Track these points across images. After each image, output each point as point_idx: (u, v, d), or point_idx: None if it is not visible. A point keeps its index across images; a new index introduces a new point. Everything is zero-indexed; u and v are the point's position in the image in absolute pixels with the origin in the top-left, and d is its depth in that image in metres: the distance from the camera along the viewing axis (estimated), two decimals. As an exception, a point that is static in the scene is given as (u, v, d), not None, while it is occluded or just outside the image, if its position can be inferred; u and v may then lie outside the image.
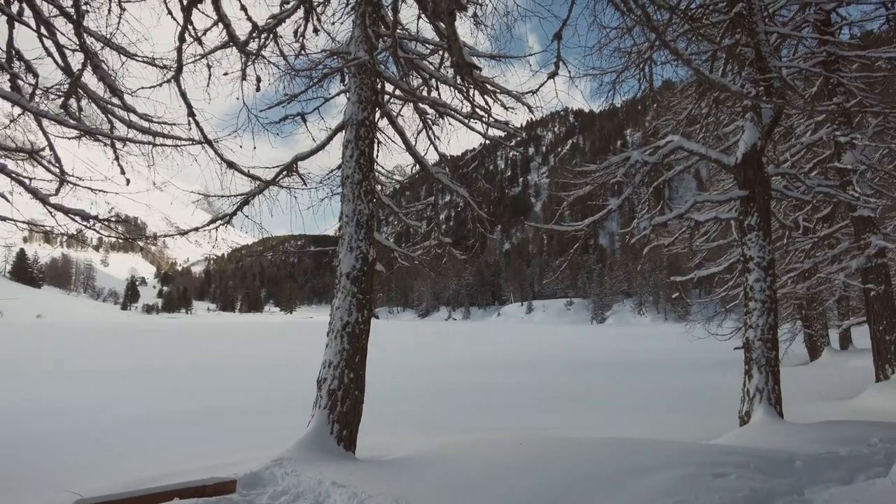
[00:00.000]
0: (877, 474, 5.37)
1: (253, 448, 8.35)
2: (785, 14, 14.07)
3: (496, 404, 14.84)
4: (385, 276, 9.28)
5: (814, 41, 13.83)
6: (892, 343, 13.34)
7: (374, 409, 9.48)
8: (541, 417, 12.88)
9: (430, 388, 17.96)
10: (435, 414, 13.48)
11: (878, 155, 15.89)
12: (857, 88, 13.93)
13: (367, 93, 7.91)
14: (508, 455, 6.16)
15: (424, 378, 21.09)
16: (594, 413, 13.34)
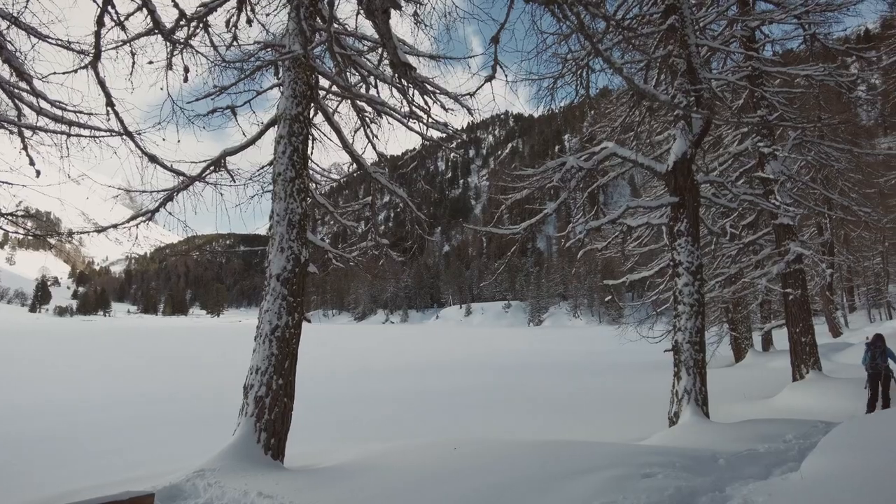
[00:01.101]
0: (790, 469, 5.72)
1: (174, 459, 8.01)
2: (715, 28, 14.87)
3: (432, 409, 14.87)
4: (319, 277, 9.11)
5: (741, 56, 14.67)
6: (808, 344, 14.30)
7: (305, 417, 9.29)
8: (477, 421, 13.00)
9: (364, 394, 17.80)
10: (369, 420, 13.36)
11: (796, 166, 17.02)
12: (779, 103, 14.89)
13: (302, 87, 7.75)
14: (442, 461, 6.17)
15: (358, 383, 20.87)
16: (530, 415, 13.58)
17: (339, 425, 12.63)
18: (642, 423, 10.89)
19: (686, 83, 9.89)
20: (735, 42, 14.73)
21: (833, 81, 14.26)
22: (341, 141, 9.06)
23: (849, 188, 22.64)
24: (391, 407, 15.32)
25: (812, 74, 13.75)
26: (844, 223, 24.40)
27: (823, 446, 5.12)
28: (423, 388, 19.04)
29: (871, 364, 11.09)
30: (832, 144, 18.99)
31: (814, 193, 19.32)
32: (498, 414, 13.99)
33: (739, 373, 21.54)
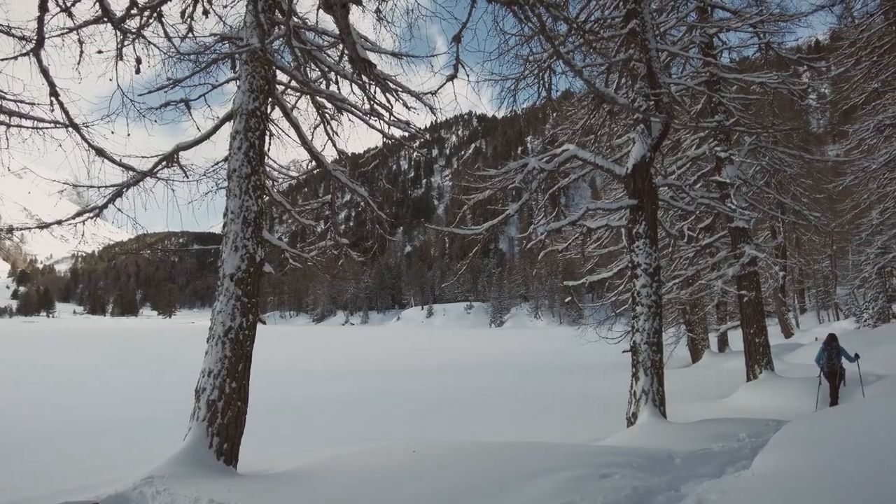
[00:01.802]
0: (743, 467, 5.91)
1: (122, 466, 7.75)
2: (675, 34, 15.28)
3: (390, 412, 14.81)
4: (275, 277, 8.96)
5: (699, 61, 15.10)
6: (761, 345, 14.81)
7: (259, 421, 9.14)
8: (437, 424, 13.01)
9: (323, 397, 17.60)
10: (325, 424, 13.23)
11: (751, 171, 17.60)
12: (736, 108, 15.39)
13: (260, 82, 7.62)
14: (400, 464, 6.15)
15: (316, 386, 20.63)
16: (491, 417, 13.67)
17: (295, 429, 12.46)
18: (601, 424, 11.09)
19: (646, 87, 10.11)
20: (694, 48, 15.16)
21: (786, 89, 14.85)
22: (300, 137, 8.93)
23: (800, 193, 23.57)
24: (349, 410, 15.20)
25: (767, 82, 14.29)
26: (796, 227, 25.39)
27: (773, 444, 5.30)
28: (382, 391, 18.95)
29: (828, 363, 11.67)
30: (785, 150, 19.74)
31: (768, 198, 20.06)
32: (457, 416, 14.03)
33: (696, 373, 22.12)
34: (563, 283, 13.81)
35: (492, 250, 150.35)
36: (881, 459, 3.96)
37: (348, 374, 25.46)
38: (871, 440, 4.28)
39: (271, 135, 9.32)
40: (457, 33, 6.38)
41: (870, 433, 4.42)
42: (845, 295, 39.59)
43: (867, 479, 3.84)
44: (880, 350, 15.27)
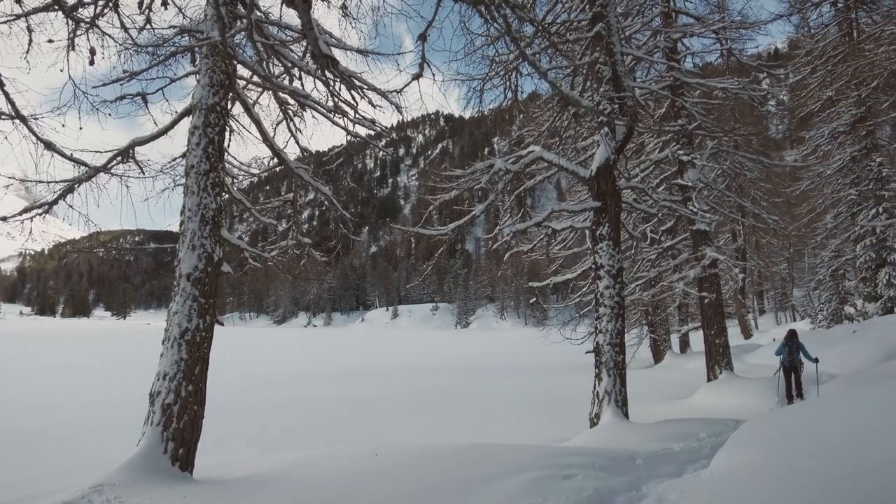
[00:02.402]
0: (703, 466, 6.06)
1: (68, 473, 7.49)
2: (640, 38, 15.59)
3: (356, 415, 14.70)
4: (234, 277, 8.80)
5: (663, 66, 15.45)
6: (721, 346, 15.21)
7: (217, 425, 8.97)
8: (400, 426, 12.97)
9: (282, 401, 17.36)
10: (285, 428, 13.05)
11: (713, 175, 18.07)
12: (698, 113, 15.79)
13: (220, 76, 7.47)
14: (362, 468, 6.11)
15: (276, 390, 20.34)
16: (455, 419, 13.69)
17: (254, 433, 12.26)
18: (565, 425, 11.22)
19: (611, 90, 10.28)
20: (658, 52, 15.50)
21: (747, 95, 15.31)
22: (262, 134, 8.79)
23: (760, 197, 24.31)
24: (309, 414, 15.02)
25: (728, 87, 14.71)
26: (756, 230, 26.14)
27: (731, 443, 5.44)
28: (344, 394, 18.79)
29: (788, 358, 12.29)
30: (745, 155, 20.34)
31: (728, 201, 20.61)
32: (421, 418, 14.01)
33: (658, 374, 22.58)
34: (528, 285, 13.97)
35: (458, 251, 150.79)
36: (834, 456, 4.11)
37: (309, 378, 25.16)
38: (825, 438, 4.44)
39: (231, 131, 9.16)
40: (423, 32, 6.38)
41: (823, 431, 4.58)
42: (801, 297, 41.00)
43: (821, 475, 3.98)
44: (833, 350, 15.86)
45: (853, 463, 3.88)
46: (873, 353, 17.05)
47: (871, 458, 3.82)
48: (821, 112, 23.79)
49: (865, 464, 3.81)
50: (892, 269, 21.29)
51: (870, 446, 3.96)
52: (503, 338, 71.52)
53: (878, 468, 3.70)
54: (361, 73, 8.57)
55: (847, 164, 22.91)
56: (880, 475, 3.62)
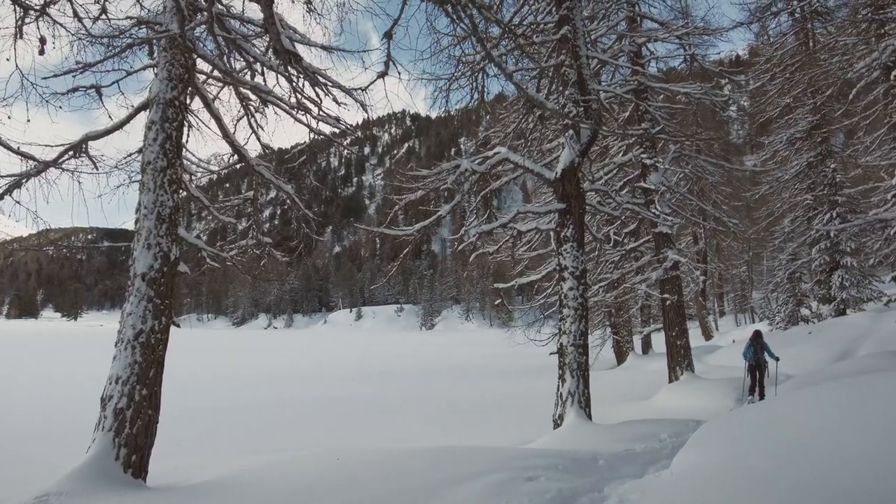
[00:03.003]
0: (664, 466, 6.19)
1: (11, 483, 7.22)
2: (605, 42, 15.86)
3: (313, 419, 14.56)
4: (191, 278, 8.62)
5: (628, 70, 15.75)
6: (683, 347, 15.57)
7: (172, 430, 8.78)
8: (362, 430, 12.90)
9: (243, 404, 17.09)
10: (243, 432, 12.85)
11: (675, 178, 18.49)
12: (661, 117, 16.14)
13: (179, 70, 7.32)
14: (324, 473, 6.05)
15: (236, 393, 20.00)
16: (419, 422, 13.68)
17: (213, 438, 12.03)
18: (529, 426, 11.32)
19: (576, 93, 10.43)
20: (623, 56, 15.79)
21: (708, 100, 15.73)
22: (221, 130, 8.64)
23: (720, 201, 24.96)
24: (270, 417, 14.82)
25: (691, 92, 15.09)
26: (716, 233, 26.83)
27: (691, 443, 5.57)
28: (306, 397, 18.60)
29: (754, 357, 12.98)
30: (707, 159, 20.87)
31: (690, 204, 21.11)
32: (384, 422, 13.96)
33: (621, 375, 22.99)
34: (493, 286, 14.09)
35: (424, 252, 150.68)
36: (789, 454, 4.25)
37: (270, 380, 24.79)
38: (782, 437, 4.58)
39: (190, 126, 8.98)
40: (388, 29, 6.37)
41: (780, 431, 4.73)
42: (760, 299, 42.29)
43: (775, 473, 4.11)
44: (790, 351, 16.40)
45: (809, 462, 4.03)
46: (828, 354, 17.72)
47: (827, 457, 3.96)
48: (779, 118, 24.63)
49: (821, 463, 3.95)
50: (844, 272, 22.15)
51: (825, 445, 4.11)
52: (468, 339, 71.78)
53: (833, 467, 3.84)
54: (326, 70, 8.50)
55: (804, 170, 23.76)
56: (837, 474, 3.76)
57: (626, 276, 18.23)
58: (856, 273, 22.28)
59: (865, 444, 3.87)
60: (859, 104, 19.93)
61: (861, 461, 3.72)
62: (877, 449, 3.77)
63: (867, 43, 17.11)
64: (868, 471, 3.61)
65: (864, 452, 3.79)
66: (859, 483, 3.56)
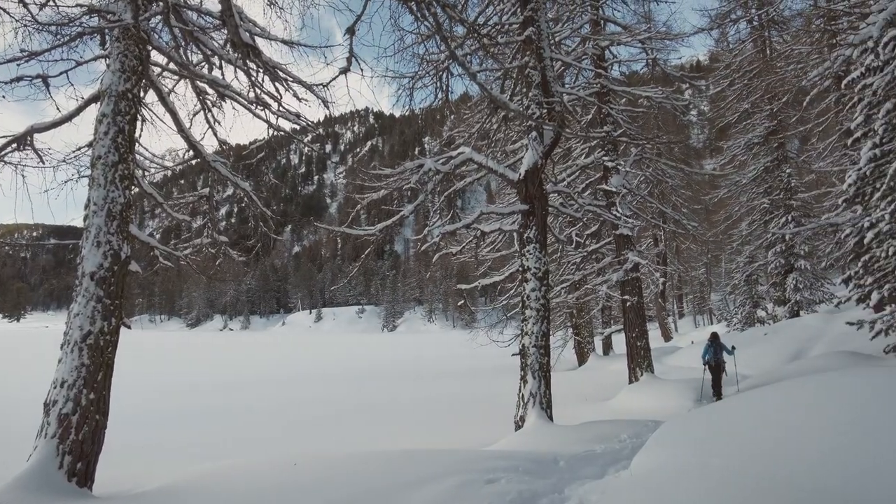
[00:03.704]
0: (623, 467, 6.31)
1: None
2: (569, 44, 16.10)
3: (274, 423, 14.34)
4: (144, 277, 8.40)
5: (591, 73, 16.02)
6: (642, 348, 15.90)
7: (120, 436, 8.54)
8: (320, 434, 12.76)
9: (194, 409, 16.72)
10: (199, 437, 12.57)
11: (636, 181, 18.87)
12: (623, 120, 16.46)
13: (133, 62, 7.13)
14: (281, 478, 5.97)
15: (186, 397, 19.55)
16: (380, 426, 13.61)
17: (161, 445, 11.73)
18: (491, 428, 11.37)
19: (540, 95, 10.55)
20: (587, 59, 16.05)
21: (670, 104, 16.11)
22: (177, 125, 8.45)
23: (680, 204, 25.64)
24: (224, 423, 14.53)
25: (652, 96, 15.43)
26: (676, 235, 27.58)
27: (650, 444, 5.70)
28: (262, 401, 18.31)
29: (714, 358, 13.65)
30: (667, 162, 21.42)
31: (651, 207, 21.63)
32: (343, 426, 13.85)
33: (582, 376, 23.29)
34: (457, 287, 14.14)
35: (386, 252, 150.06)
36: (743, 452, 4.39)
37: (223, 384, 24.31)
38: (738, 437, 4.72)
39: (144, 120, 8.77)
40: (351, 25, 6.34)
41: (736, 430, 4.87)
42: (718, 300, 43.51)
43: (730, 471, 4.24)
44: (747, 352, 16.90)
45: (764, 460, 4.16)
46: (782, 354, 18.36)
47: (783, 457, 4.10)
48: (738, 123, 25.44)
49: (776, 461, 4.09)
50: (798, 274, 22.98)
51: (781, 445, 4.25)
52: (431, 341, 71.77)
53: (789, 466, 3.98)
54: (287, 65, 8.40)
55: (761, 174, 24.58)
56: (791, 472, 3.89)
57: (587, 277, 18.52)
58: (809, 275, 23.14)
59: (821, 442, 4.02)
60: (813, 111, 20.79)
61: (817, 459, 3.87)
62: (832, 447, 3.92)
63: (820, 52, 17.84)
64: (825, 469, 3.75)
65: (820, 451, 3.94)
66: (817, 481, 3.70)
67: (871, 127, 10.95)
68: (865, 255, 11.36)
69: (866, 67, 10.92)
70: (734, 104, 25.09)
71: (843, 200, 12.09)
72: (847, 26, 15.30)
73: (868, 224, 10.87)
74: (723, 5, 22.37)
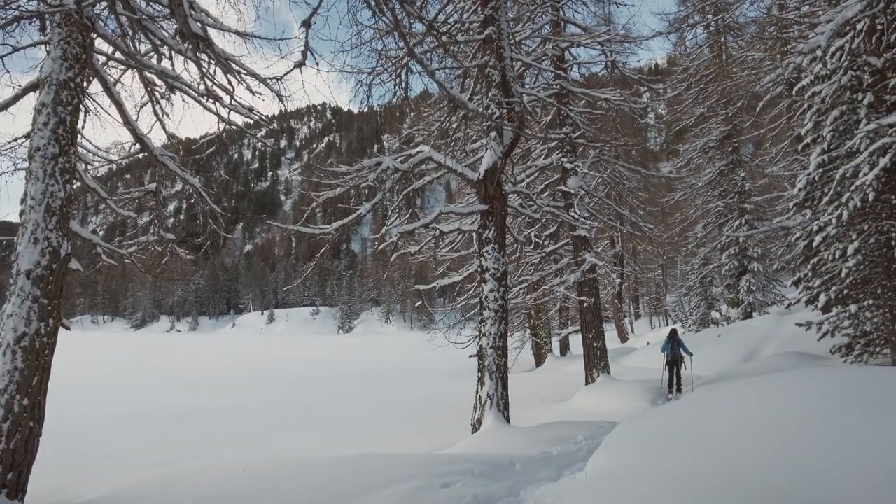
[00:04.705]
0: (579, 469, 6.43)
1: None
2: (530, 44, 16.30)
3: (221, 428, 14.06)
4: (86, 276, 8.13)
5: (551, 74, 16.24)
6: (599, 349, 16.20)
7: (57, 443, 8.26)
8: (272, 439, 12.57)
9: (140, 412, 16.27)
10: (145, 442, 12.24)
11: (594, 182, 19.22)
12: (582, 122, 16.75)
13: (76, 49, 6.88)
14: (229, 484, 5.87)
15: (128, 402, 19.01)
16: (335, 430, 13.50)
17: (109, 449, 11.38)
18: (447, 431, 11.42)
19: (500, 95, 10.65)
20: (547, 60, 16.28)
21: (628, 107, 16.48)
22: (123, 116, 8.21)
23: (637, 206, 26.23)
24: (170, 426, 14.17)
25: (611, 98, 15.75)
26: (633, 237, 28.17)
27: (605, 445, 5.82)
28: (210, 404, 17.93)
29: (671, 353, 14.64)
30: (625, 165, 21.89)
31: (608, 209, 22.06)
32: (296, 430, 13.68)
33: (539, 377, 23.56)
34: (415, 287, 14.15)
35: (343, 251, 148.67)
36: (695, 453, 4.52)
37: (170, 387, 23.70)
38: (692, 437, 4.87)
39: (87, 111, 8.49)
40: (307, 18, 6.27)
41: (690, 431, 5.02)
42: (674, 302, 44.69)
43: (682, 472, 4.37)
44: (702, 353, 17.41)
45: (716, 461, 4.30)
46: (735, 355, 19.01)
47: (732, 456, 4.25)
48: (694, 127, 26.21)
49: (726, 461, 4.23)
50: (751, 276, 23.81)
51: (730, 444, 4.40)
52: (387, 342, 71.49)
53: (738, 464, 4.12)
54: (240, 58, 8.26)
55: (716, 178, 25.38)
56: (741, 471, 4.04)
57: (545, 278, 18.77)
58: (761, 278, 24.01)
59: (770, 442, 4.18)
60: (766, 116, 21.60)
61: (766, 459, 4.02)
62: (780, 447, 4.08)
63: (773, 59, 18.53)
64: (773, 468, 3.91)
65: (769, 451, 4.09)
66: (766, 480, 3.84)
67: (819, 133, 11.44)
68: (814, 258, 11.87)
69: (815, 76, 11.41)
70: (691, 108, 25.84)
71: (793, 204, 12.60)
72: (798, 35, 15.94)
73: (817, 228, 11.34)
74: (681, 10, 23.05)
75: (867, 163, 9.54)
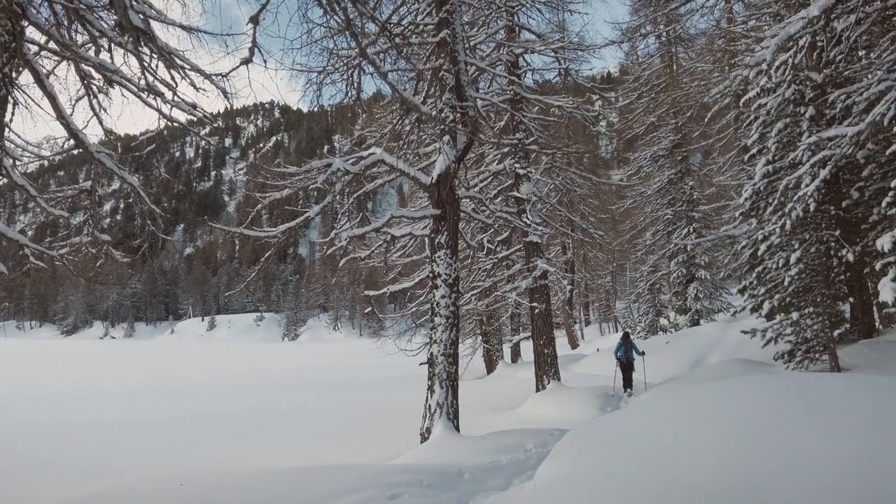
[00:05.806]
0: (528, 477, 6.51)
1: None
2: (484, 49, 16.49)
3: (158, 439, 13.64)
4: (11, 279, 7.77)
5: (505, 79, 16.47)
6: (550, 356, 16.45)
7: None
8: (211, 452, 12.23)
9: (65, 425, 15.59)
10: (77, 455, 11.75)
11: (546, 189, 19.56)
12: (535, 128, 17.04)
13: (4, 37, 6.60)
14: (164, 499, 5.70)
15: (61, 413, 18.21)
16: (277, 441, 13.27)
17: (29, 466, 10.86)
18: (396, 441, 11.37)
19: (454, 99, 10.73)
20: (501, 65, 16.49)
21: (580, 115, 16.84)
22: (56, 110, 7.89)
23: (588, 213, 26.84)
24: (98, 440, 13.64)
25: (564, 106, 16.07)
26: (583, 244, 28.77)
27: (555, 453, 5.90)
28: (145, 415, 17.34)
29: (624, 355, 15.52)
30: (577, 172, 22.38)
31: (560, 215, 22.49)
32: (238, 442, 13.38)
33: (490, 384, 23.71)
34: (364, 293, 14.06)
35: (289, 255, 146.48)
36: (643, 459, 4.64)
37: (99, 397, 22.78)
38: (639, 444, 4.98)
39: (16, 103, 8.12)
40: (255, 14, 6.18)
41: (638, 437, 5.14)
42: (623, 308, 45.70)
43: (632, 478, 4.48)
44: (651, 360, 17.83)
45: (663, 466, 4.42)
46: (683, 362, 19.57)
47: (678, 461, 4.37)
48: (645, 136, 26.99)
49: (673, 466, 4.35)
50: (699, 284, 24.62)
51: (677, 450, 4.53)
52: (335, 350, 70.64)
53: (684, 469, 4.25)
54: (185, 52, 8.06)
55: (665, 186, 26.17)
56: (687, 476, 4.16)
57: (497, 284, 18.96)
58: (709, 285, 24.85)
59: (715, 448, 4.32)
60: (714, 126, 22.45)
61: (712, 464, 4.16)
62: (725, 452, 4.23)
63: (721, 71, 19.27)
64: (718, 473, 4.04)
65: (714, 456, 4.23)
66: (711, 485, 3.97)
67: (765, 144, 11.96)
68: (759, 266, 12.36)
69: (761, 88, 11.94)
70: (642, 116, 26.60)
71: (739, 214, 13.11)
72: (745, 48, 16.62)
73: (761, 237, 11.84)
74: (633, 20, 23.70)
75: (809, 174, 10.03)
